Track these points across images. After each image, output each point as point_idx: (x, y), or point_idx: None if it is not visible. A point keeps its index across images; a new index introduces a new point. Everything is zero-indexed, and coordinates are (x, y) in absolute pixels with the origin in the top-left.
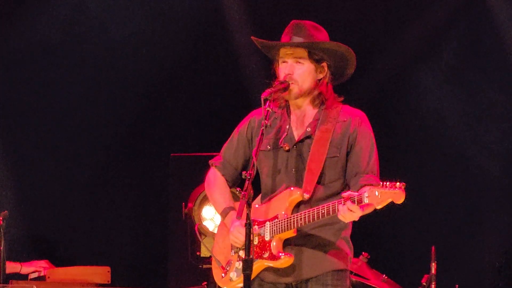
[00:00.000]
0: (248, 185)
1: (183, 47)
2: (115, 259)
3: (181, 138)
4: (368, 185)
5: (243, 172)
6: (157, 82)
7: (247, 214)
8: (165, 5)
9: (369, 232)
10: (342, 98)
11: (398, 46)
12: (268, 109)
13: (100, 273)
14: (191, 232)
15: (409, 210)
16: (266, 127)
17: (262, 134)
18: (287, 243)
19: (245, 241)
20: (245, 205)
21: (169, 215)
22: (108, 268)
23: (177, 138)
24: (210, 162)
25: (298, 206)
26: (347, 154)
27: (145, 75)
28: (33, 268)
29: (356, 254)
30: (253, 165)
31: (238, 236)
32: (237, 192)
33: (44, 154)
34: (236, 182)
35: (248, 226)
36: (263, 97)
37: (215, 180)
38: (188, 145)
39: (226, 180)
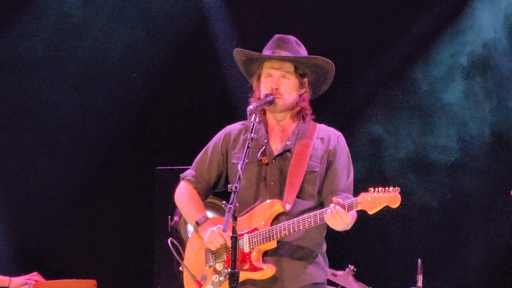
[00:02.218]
0: (234, 198)
1: (168, 59)
2: (101, 272)
3: (166, 151)
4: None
5: (229, 186)
6: (142, 95)
7: (233, 227)
8: (150, 18)
9: (355, 244)
10: (314, 116)
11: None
12: (254, 122)
13: (86, 287)
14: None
15: (395, 222)
16: (252, 140)
17: (248, 147)
18: (266, 255)
19: (232, 255)
20: (231, 218)
21: (155, 228)
22: (94, 282)
23: (162, 151)
24: (182, 175)
25: (276, 219)
26: (326, 170)
27: (130, 88)
28: (22, 281)
29: (342, 267)
30: (239, 178)
31: (216, 238)
32: (223, 205)
33: (31, 167)
34: (207, 196)
35: (234, 239)
36: (249, 110)
37: (188, 192)
38: (173, 158)
39: (199, 193)
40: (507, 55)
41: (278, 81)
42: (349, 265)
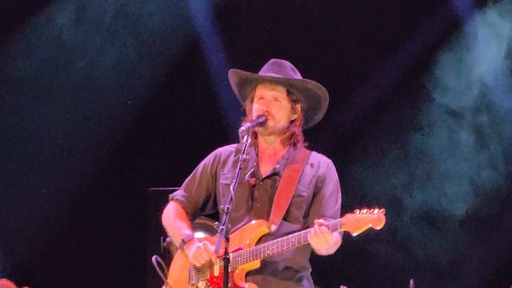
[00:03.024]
0: (226, 219)
1: (160, 80)
2: None
3: (159, 172)
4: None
5: (221, 206)
6: (135, 116)
7: (226, 248)
8: (141, 40)
9: (347, 264)
10: (306, 144)
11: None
12: (246, 143)
13: None
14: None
15: (387, 243)
16: (244, 161)
17: (241, 168)
18: (249, 275)
19: (224, 277)
20: (223, 239)
21: (147, 249)
22: None
23: (155, 172)
24: (170, 195)
25: (261, 239)
26: (314, 196)
27: (123, 109)
28: None
29: (335, 287)
30: (231, 199)
31: (201, 253)
32: (215, 226)
33: (24, 186)
34: (195, 217)
35: (227, 261)
36: (241, 131)
37: (175, 212)
38: (166, 179)
39: (186, 213)
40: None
41: (270, 103)
42: (341, 286)
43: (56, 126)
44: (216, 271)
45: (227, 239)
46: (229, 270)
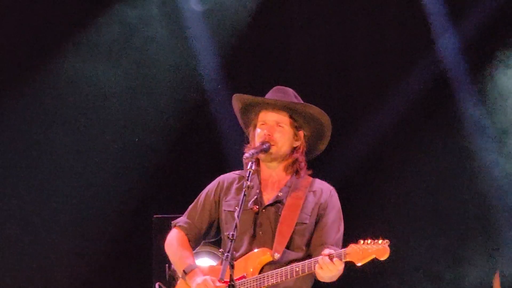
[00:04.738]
0: (231, 246)
1: (163, 107)
2: None
3: (164, 199)
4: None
5: (225, 233)
6: (139, 144)
7: (230, 275)
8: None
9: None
10: (310, 171)
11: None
12: (250, 170)
13: None
14: None
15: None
16: (248, 188)
17: (245, 194)
18: None
19: None
20: (228, 266)
21: (152, 276)
22: None
23: (159, 199)
24: (173, 222)
25: (264, 268)
26: (316, 223)
27: (127, 136)
28: None
29: None
30: (236, 226)
31: None
32: (219, 253)
33: (27, 209)
34: (198, 244)
35: (232, 287)
36: (245, 158)
37: (178, 239)
38: (171, 206)
39: (189, 240)
40: None
41: (272, 128)
42: None
43: (61, 150)
44: None
45: (232, 266)
46: None
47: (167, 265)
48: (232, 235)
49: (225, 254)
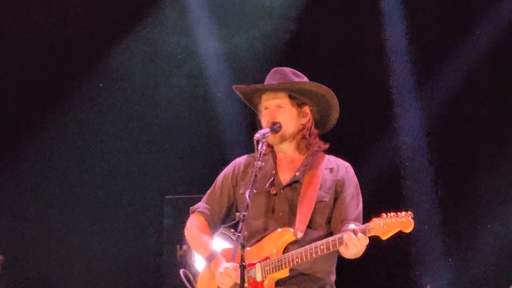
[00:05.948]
0: (242, 227)
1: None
2: None
3: (175, 180)
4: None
5: (237, 214)
6: (151, 130)
7: (242, 256)
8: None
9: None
10: (327, 146)
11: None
12: (261, 150)
13: None
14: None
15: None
16: (260, 168)
17: (256, 175)
18: (278, 285)
19: (240, 283)
20: (240, 247)
21: (164, 257)
22: None
23: (171, 180)
24: (192, 208)
25: (287, 248)
26: (335, 200)
27: (139, 118)
28: None
29: None
30: (247, 207)
31: (225, 279)
32: (231, 234)
33: (40, 197)
34: (218, 229)
35: (242, 268)
36: (255, 138)
37: (199, 226)
38: (182, 187)
39: (209, 225)
40: None
41: (274, 111)
42: None
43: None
44: (246, 283)
45: (243, 247)
46: (259, 280)
47: (178, 245)
48: (243, 215)
49: (237, 235)
